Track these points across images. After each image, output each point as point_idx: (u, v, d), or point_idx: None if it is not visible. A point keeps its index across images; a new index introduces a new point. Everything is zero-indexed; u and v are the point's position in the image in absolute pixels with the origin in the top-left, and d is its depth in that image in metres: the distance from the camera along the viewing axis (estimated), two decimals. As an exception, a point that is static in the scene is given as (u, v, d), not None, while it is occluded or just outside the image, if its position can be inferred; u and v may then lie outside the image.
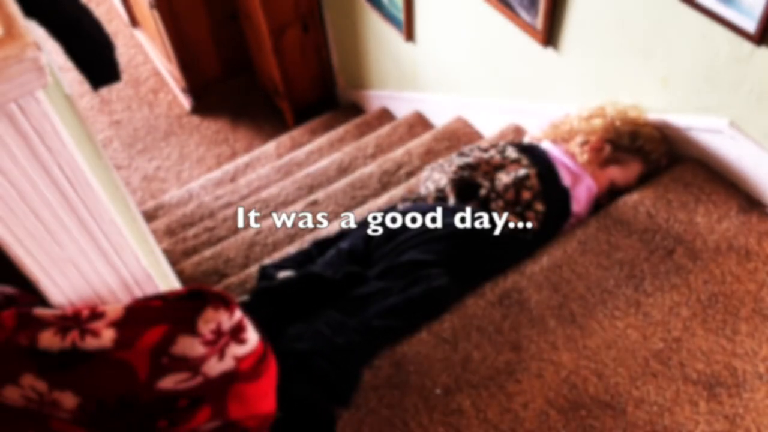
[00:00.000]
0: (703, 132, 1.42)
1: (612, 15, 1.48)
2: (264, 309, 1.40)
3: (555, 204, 1.43)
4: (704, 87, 1.36)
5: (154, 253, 1.27)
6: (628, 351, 1.21)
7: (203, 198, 2.67)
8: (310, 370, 1.17)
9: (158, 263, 1.26)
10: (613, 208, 1.42)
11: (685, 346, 1.20)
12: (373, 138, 2.51)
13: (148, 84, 3.60)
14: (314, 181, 2.38)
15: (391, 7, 2.37)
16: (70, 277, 0.63)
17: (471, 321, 1.27)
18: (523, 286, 1.31)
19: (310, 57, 3.10)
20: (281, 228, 2.06)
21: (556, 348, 1.22)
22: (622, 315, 1.25)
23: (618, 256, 1.34)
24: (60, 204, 0.57)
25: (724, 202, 1.38)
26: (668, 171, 1.46)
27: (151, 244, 1.31)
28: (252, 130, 3.35)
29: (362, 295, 1.35)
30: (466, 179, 1.49)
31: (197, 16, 3.06)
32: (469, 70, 2.15)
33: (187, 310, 0.66)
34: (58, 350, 0.65)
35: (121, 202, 1.26)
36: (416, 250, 1.37)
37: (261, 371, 0.72)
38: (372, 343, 1.23)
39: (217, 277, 1.97)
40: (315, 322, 1.28)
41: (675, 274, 1.29)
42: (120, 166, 3.22)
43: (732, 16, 1.21)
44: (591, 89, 1.65)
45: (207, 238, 2.26)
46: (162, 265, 1.28)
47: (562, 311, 1.27)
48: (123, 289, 0.68)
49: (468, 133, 2.25)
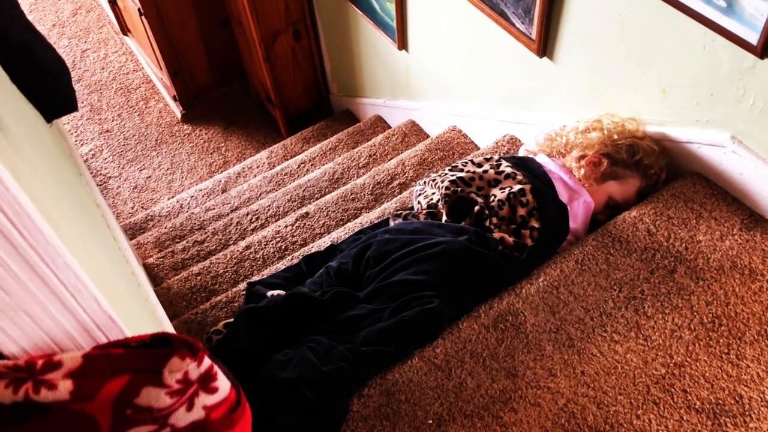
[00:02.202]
0: (704, 146, 1.37)
1: (609, 25, 1.43)
2: (250, 332, 1.35)
3: (551, 221, 1.38)
4: (705, 100, 1.32)
5: (149, 300, 1.21)
6: (628, 377, 1.15)
7: (193, 209, 2.62)
8: (296, 400, 1.12)
9: (152, 310, 1.20)
10: (612, 225, 1.37)
11: (688, 372, 1.15)
12: (366, 148, 2.46)
13: (138, 92, 3.55)
14: (306, 193, 2.32)
15: (383, 15, 2.32)
16: (22, 325, 0.58)
17: (465, 346, 1.22)
18: (519, 308, 1.26)
19: (303, 65, 3.05)
20: (271, 242, 2.01)
21: (553, 374, 1.17)
22: (621, 339, 1.20)
23: (617, 276, 1.29)
24: (4, 249, 0.52)
25: (726, 219, 1.33)
26: (668, 186, 1.42)
27: (143, 290, 1.25)
28: (244, 139, 3.30)
29: (351, 318, 1.30)
30: (459, 195, 1.44)
31: (187, 23, 3.01)
32: (463, 79, 2.10)
33: (151, 358, 0.61)
34: (11, 403, 0.60)
35: (102, 237, 1.21)
36: (407, 271, 1.32)
37: (234, 420, 0.67)
38: (361, 370, 1.18)
39: (205, 293, 1.92)
40: (302, 348, 1.23)
41: (676, 295, 1.24)
42: (110, 175, 3.17)
43: (734, 27, 1.16)
44: (588, 100, 1.60)
45: (196, 252, 2.21)
46: (156, 312, 1.22)
47: (559, 335, 1.22)
48: (83, 335, 0.63)
49: (462, 143, 2.20)
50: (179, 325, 1.70)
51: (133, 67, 3.68)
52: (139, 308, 1.14)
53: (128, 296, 1.07)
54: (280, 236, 2.02)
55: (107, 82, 3.60)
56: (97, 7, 4.06)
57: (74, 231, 0.78)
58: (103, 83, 3.60)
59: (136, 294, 1.18)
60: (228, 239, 2.22)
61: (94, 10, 4.05)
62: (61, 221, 0.69)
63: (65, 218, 0.78)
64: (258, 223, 2.26)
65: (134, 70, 3.66)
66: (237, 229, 2.25)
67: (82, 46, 3.82)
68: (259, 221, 2.27)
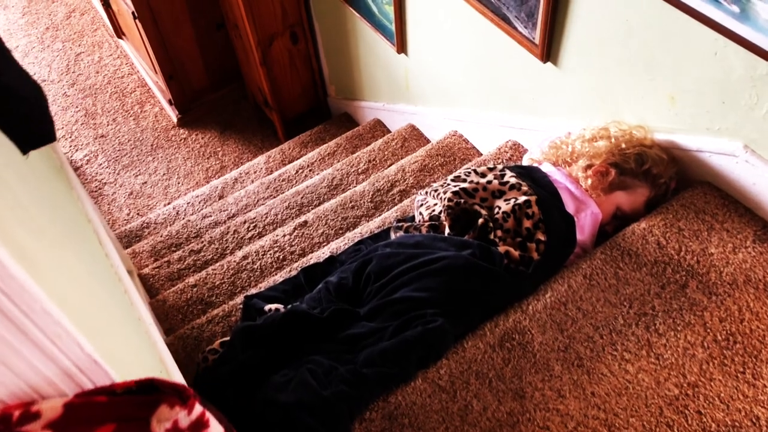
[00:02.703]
0: (715, 155, 1.32)
1: (615, 29, 1.38)
2: (247, 351, 1.31)
3: (558, 233, 1.33)
4: (716, 107, 1.27)
5: (142, 320, 1.16)
6: (640, 398, 1.11)
7: (190, 216, 2.57)
8: (295, 425, 1.08)
9: (145, 330, 1.15)
10: (621, 237, 1.33)
11: (702, 393, 1.11)
12: (366, 153, 2.41)
13: (134, 96, 3.50)
14: (304, 200, 2.28)
15: (381, 18, 2.27)
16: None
17: (470, 366, 1.17)
18: (526, 326, 1.22)
19: (300, 68, 3.00)
20: (269, 252, 1.96)
21: (562, 396, 1.13)
22: (632, 357, 1.16)
23: (627, 291, 1.24)
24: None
25: (739, 231, 1.28)
26: (678, 196, 1.37)
27: (136, 308, 1.20)
28: (241, 143, 3.26)
29: (352, 336, 1.26)
30: (462, 207, 1.39)
31: (182, 26, 2.96)
32: (465, 83, 2.06)
33: (138, 406, 0.57)
34: (-13, 457, 0.55)
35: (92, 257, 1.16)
36: (410, 287, 1.27)
37: (229, 468, 0.63)
38: (363, 393, 1.13)
39: (202, 306, 1.88)
40: (301, 370, 1.18)
41: (689, 311, 1.20)
42: (105, 182, 3.12)
43: (748, 33, 1.11)
44: (593, 107, 1.56)
45: (192, 262, 2.16)
46: (149, 332, 1.17)
47: (568, 354, 1.17)
48: (66, 381, 0.59)
49: (463, 149, 2.15)
50: (175, 341, 1.65)
51: (128, 71, 3.62)
52: (132, 330, 1.10)
53: (120, 319, 1.02)
54: (278, 246, 1.98)
55: (102, 86, 3.55)
56: (91, 9, 4.01)
57: (57, 261, 0.73)
58: (98, 87, 3.55)
59: (128, 315, 1.13)
60: (225, 248, 2.18)
61: (88, 12, 4.00)
62: (40, 254, 0.65)
63: (48, 247, 0.73)
64: (255, 232, 2.21)
65: (129, 73, 3.61)
66: (234, 237, 2.21)
67: (76, 50, 3.77)
68: (256, 229, 2.22)
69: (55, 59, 3.72)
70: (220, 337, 1.62)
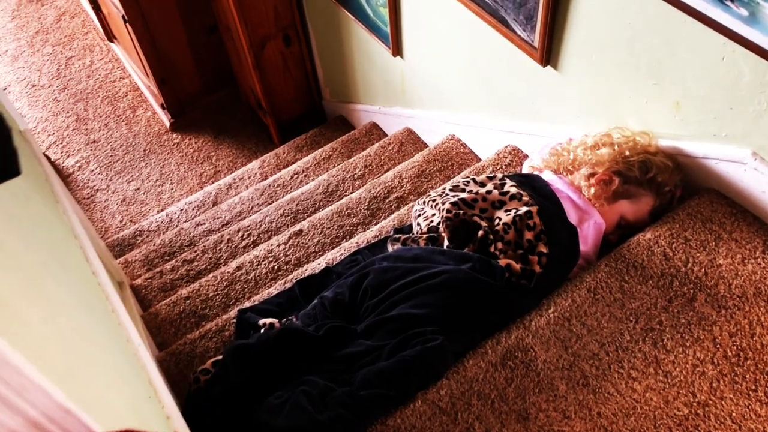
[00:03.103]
0: (723, 162, 1.28)
1: (617, 32, 1.34)
2: (240, 371, 1.26)
3: (561, 245, 1.29)
4: (723, 113, 1.23)
5: (130, 341, 1.11)
6: (648, 419, 1.07)
7: (183, 224, 2.52)
8: (289, 452, 1.03)
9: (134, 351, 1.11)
10: (625, 248, 1.28)
11: (713, 412, 1.07)
12: (362, 158, 2.36)
13: (126, 100, 3.44)
14: (299, 207, 2.23)
15: (376, 20, 2.22)
16: (-42, 431, 0.49)
17: (471, 386, 1.13)
18: (529, 343, 1.17)
19: (293, 71, 2.95)
20: (263, 262, 1.92)
21: (567, 417, 1.08)
22: (640, 375, 1.11)
23: (633, 305, 1.20)
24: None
25: (748, 241, 1.24)
26: (684, 205, 1.33)
27: (125, 329, 1.16)
28: (235, 147, 3.21)
29: (349, 355, 1.21)
30: (461, 218, 1.35)
31: (173, 30, 2.91)
32: (462, 87, 2.01)
33: (113, 461, 0.52)
34: None
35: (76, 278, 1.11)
36: (408, 303, 1.23)
37: None
38: (360, 416, 1.09)
39: (195, 319, 1.83)
40: (296, 392, 1.14)
41: (697, 326, 1.16)
42: (97, 188, 3.07)
43: (757, 38, 1.07)
44: (595, 112, 1.51)
45: (185, 272, 2.12)
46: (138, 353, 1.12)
47: (572, 372, 1.13)
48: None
49: (461, 154, 2.11)
50: (167, 357, 1.61)
51: (119, 75, 3.57)
52: (119, 356, 1.05)
53: (104, 346, 0.98)
54: (272, 256, 1.93)
55: (93, 91, 3.50)
56: (81, 12, 3.95)
57: (34, 294, 0.69)
58: (89, 92, 3.49)
59: (115, 338, 1.09)
60: (218, 258, 2.13)
61: (79, 15, 3.94)
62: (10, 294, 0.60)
63: (23, 279, 0.69)
64: (250, 240, 2.17)
65: (121, 77, 3.56)
66: (228, 246, 2.16)
67: (66, 54, 3.71)
68: (251, 238, 2.17)
69: (46, 63, 3.66)
70: (213, 353, 1.58)
